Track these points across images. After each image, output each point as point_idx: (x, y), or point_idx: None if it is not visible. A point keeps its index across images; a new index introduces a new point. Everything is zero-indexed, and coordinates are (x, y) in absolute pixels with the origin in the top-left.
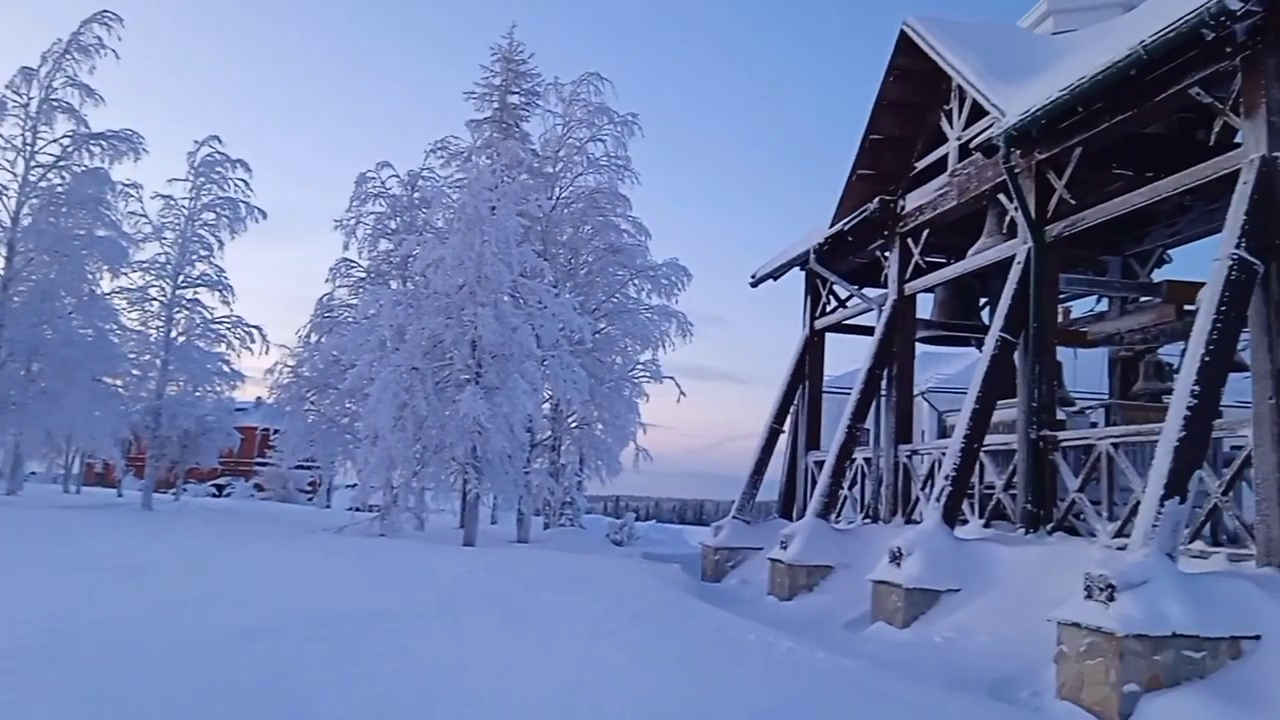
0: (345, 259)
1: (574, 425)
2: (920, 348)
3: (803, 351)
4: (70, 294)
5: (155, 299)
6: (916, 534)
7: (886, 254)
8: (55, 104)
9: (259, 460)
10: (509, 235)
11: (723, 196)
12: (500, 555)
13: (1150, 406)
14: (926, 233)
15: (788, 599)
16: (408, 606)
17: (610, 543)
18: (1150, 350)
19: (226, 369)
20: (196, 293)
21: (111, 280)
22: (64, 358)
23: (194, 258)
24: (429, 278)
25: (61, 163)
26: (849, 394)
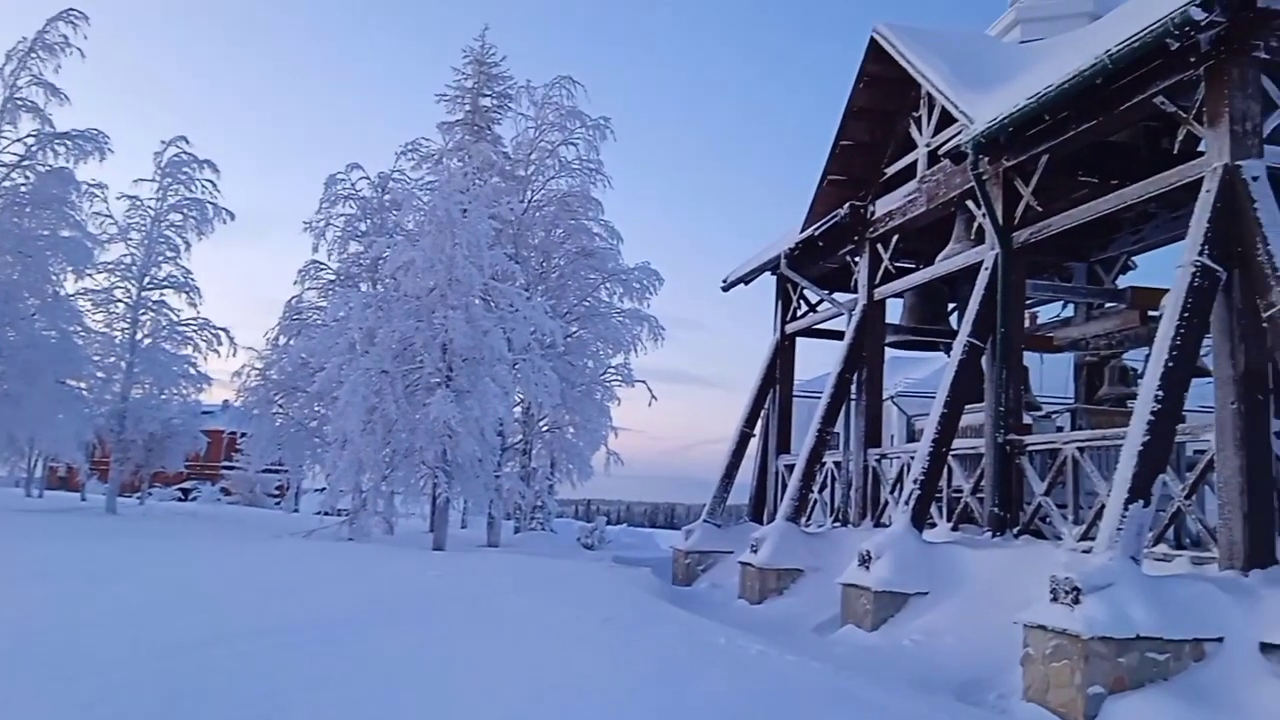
0: (314, 261)
1: (545, 429)
2: (889, 352)
3: (773, 355)
4: (33, 295)
5: (120, 300)
6: (885, 537)
7: (856, 259)
8: (20, 103)
9: (226, 464)
10: (480, 238)
11: (695, 200)
12: (470, 559)
13: (1115, 411)
14: (896, 238)
15: (758, 602)
16: (376, 611)
17: (581, 547)
18: (1115, 355)
19: (193, 371)
20: (163, 294)
21: (76, 281)
22: (27, 360)
23: (160, 259)
24: (399, 280)
25: (25, 162)
26: (819, 398)
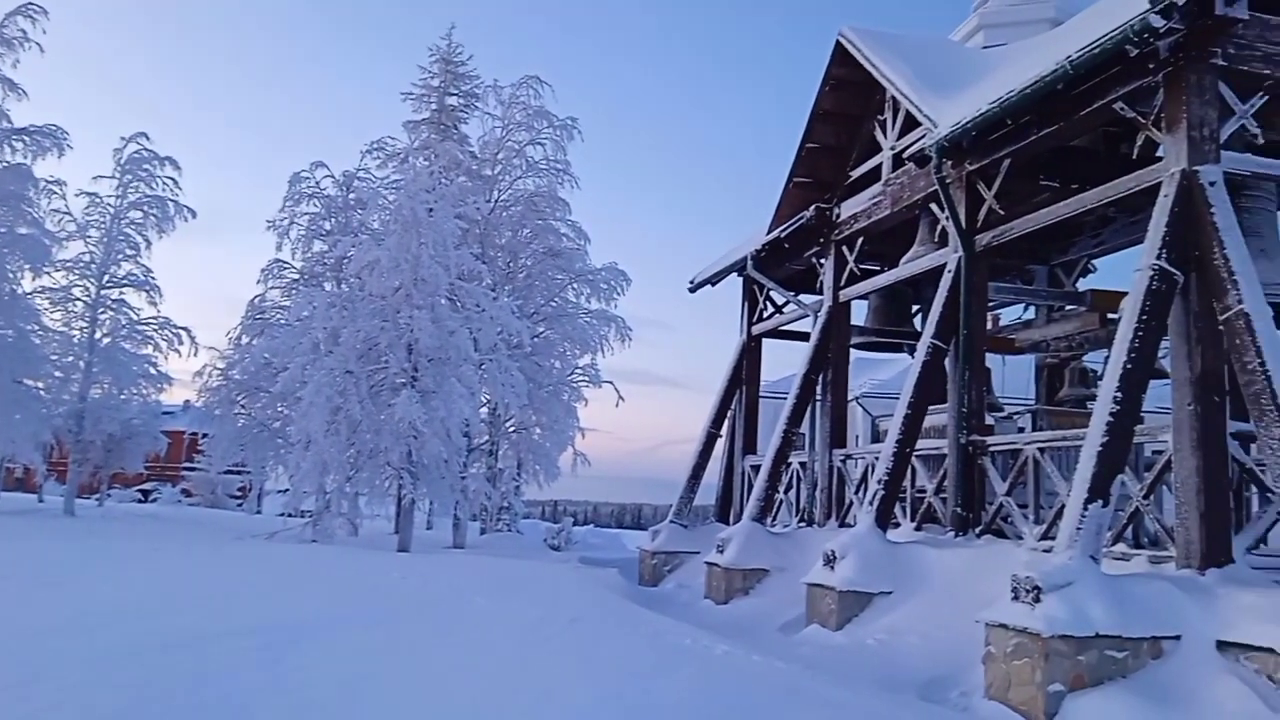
0: (278, 260)
1: (512, 429)
2: (854, 353)
3: (740, 356)
4: None
5: (79, 299)
6: (850, 537)
7: (822, 261)
8: None
9: (187, 465)
10: (446, 238)
11: (662, 201)
12: (435, 561)
13: (1075, 412)
14: (861, 240)
15: (724, 602)
16: (340, 614)
17: (547, 548)
18: (1075, 357)
19: (153, 371)
20: (122, 293)
21: (33, 280)
22: None
23: (120, 257)
24: (364, 280)
25: None
26: (785, 399)
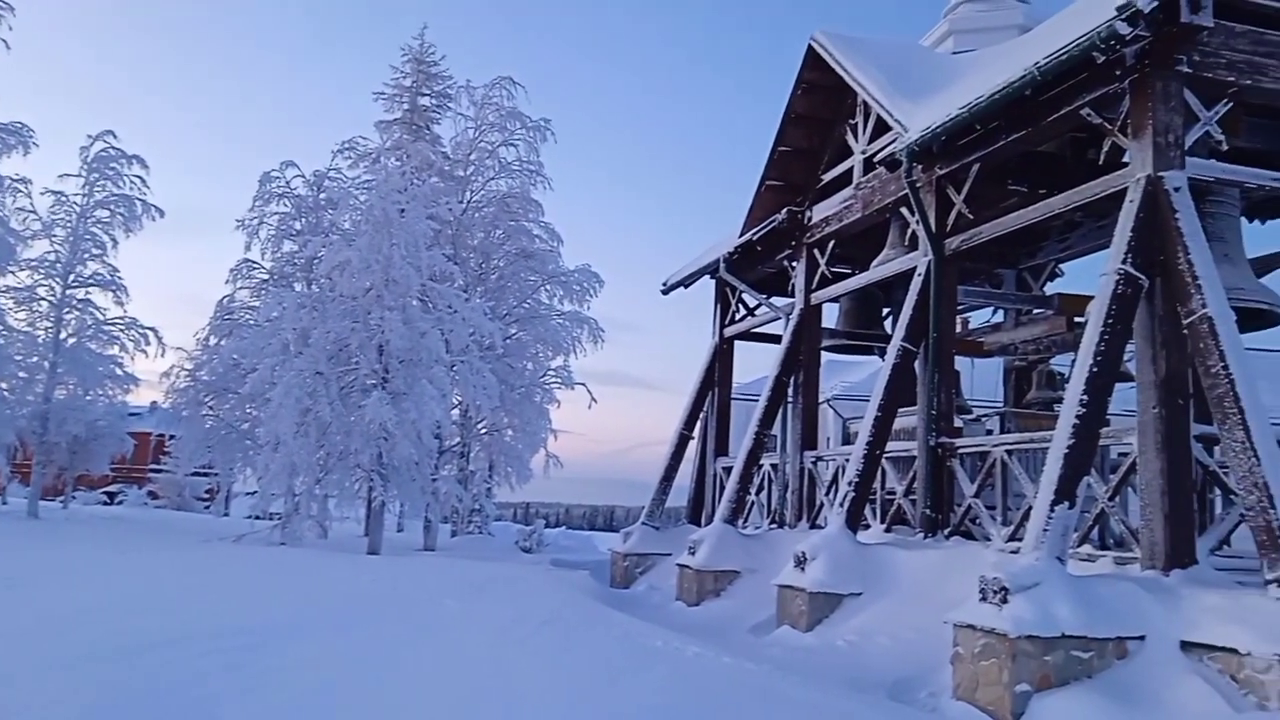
0: (247, 260)
1: (484, 431)
2: (826, 356)
3: (712, 359)
4: None
5: (44, 299)
6: (820, 539)
7: (794, 264)
8: None
9: (153, 467)
10: (418, 238)
11: (635, 203)
12: (406, 564)
13: (1042, 415)
14: (832, 244)
15: (695, 604)
16: (309, 617)
17: (519, 550)
18: (1043, 360)
19: (119, 372)
20: (88, 293)
21: None
22: None
23: (86, 256)
24: (335, 280)
25: None
26: (757, 401)
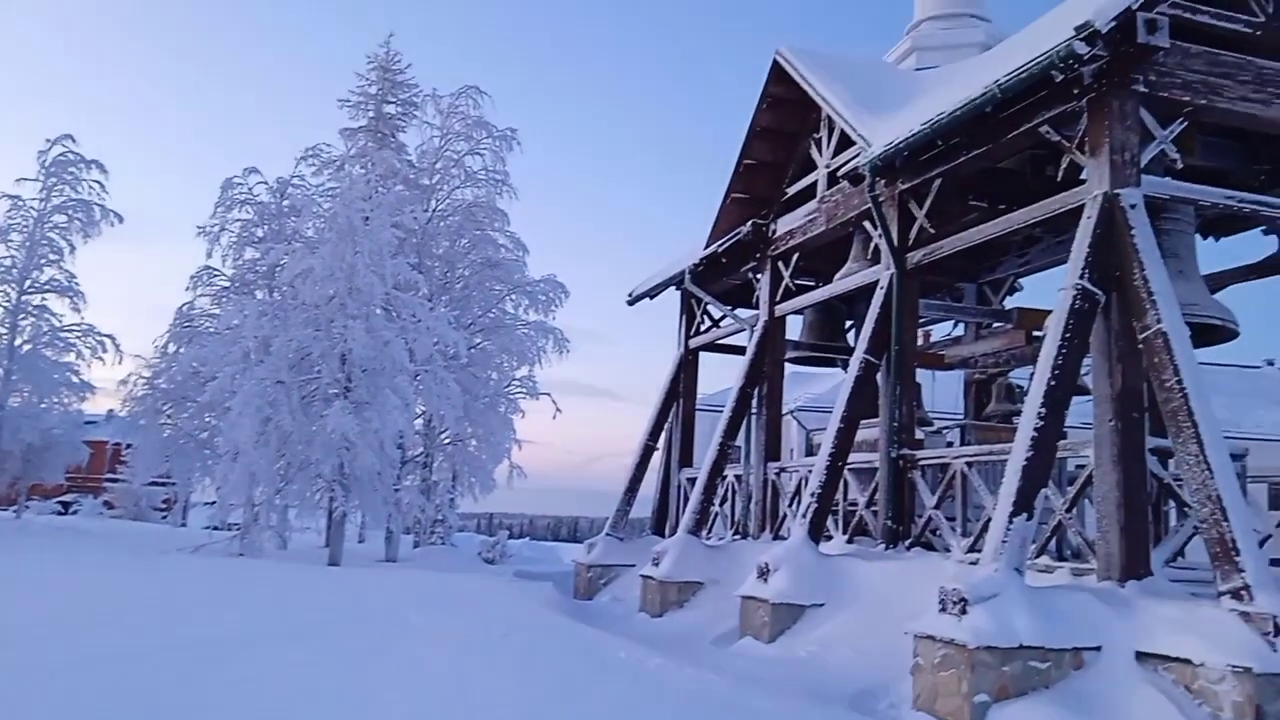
0: (208, 267)
1: (447, 441)
2: (789, 367)
3: (677, 369)
4: None
5: None
6: (783, 550)
7: (758, 276)
8: None
9: (109, 476)
10: (383, 247)
11: (601, 213)
12: (367, 575)
13: (1002, 427)
14: (796, 256)
15: (659, 615)
16: (267, 630)
17: (482, 561)
18: (1002, 373)
19: (75, 380)
20: (44, 299)
21: None
22: None
23: (42, 262)
24: (297, 288)
25: None
26: (722, 412)
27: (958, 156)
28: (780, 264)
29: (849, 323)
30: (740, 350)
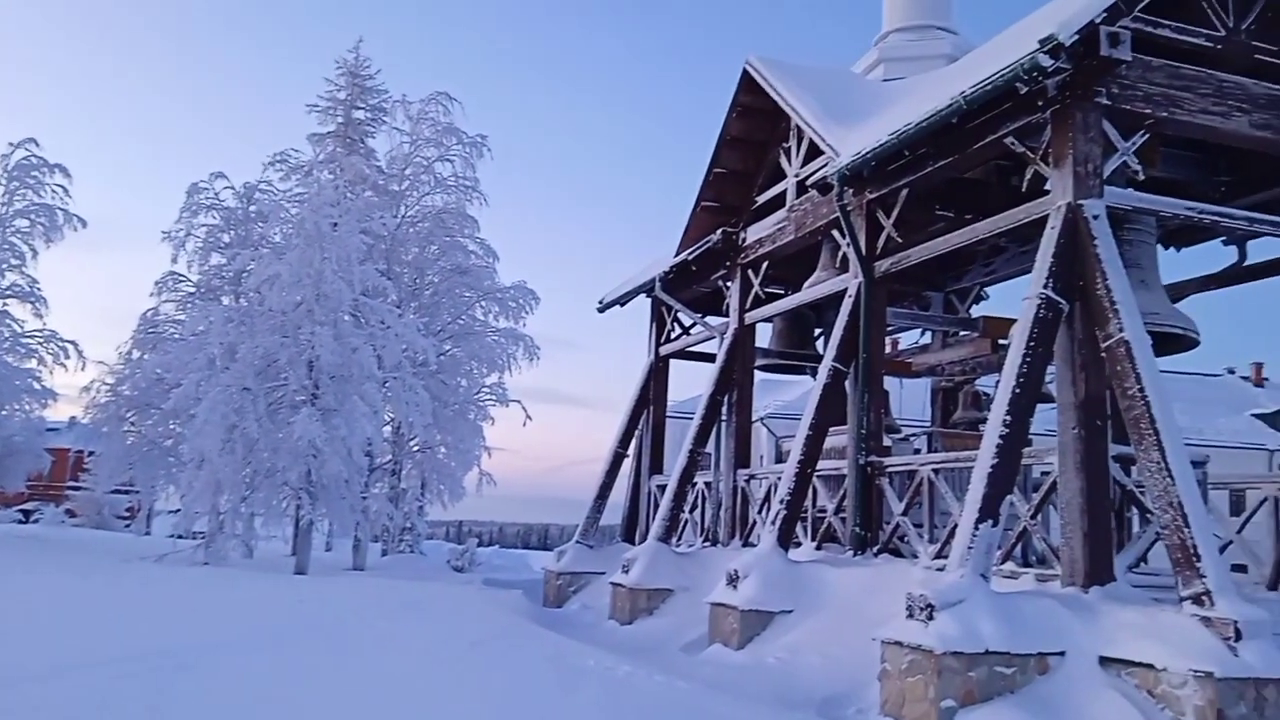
0: (173, 272)
1: (416, 449)
2: (759, 375)
3: (647, 377)
4: None
5: None
6: (753, 557)
7: (728, 284)
8: None
9: (72, 484)
10: (351, 253)
11: (571, 220)
12: (333, 583)
13: (968, 434)
14: (766, 264)
15: (628, 623)
16: (231, 639)
17: (451, 569)
18: (969, 381)
19: (37, 386)
20: (6, 304)
21: None
22: None
23: (4, 267)
24: (264, 294)
25: None
26: (692, 419)
27: (924, 167)
28: (750, 272)
29: (818, 331)
30: (710, 358)
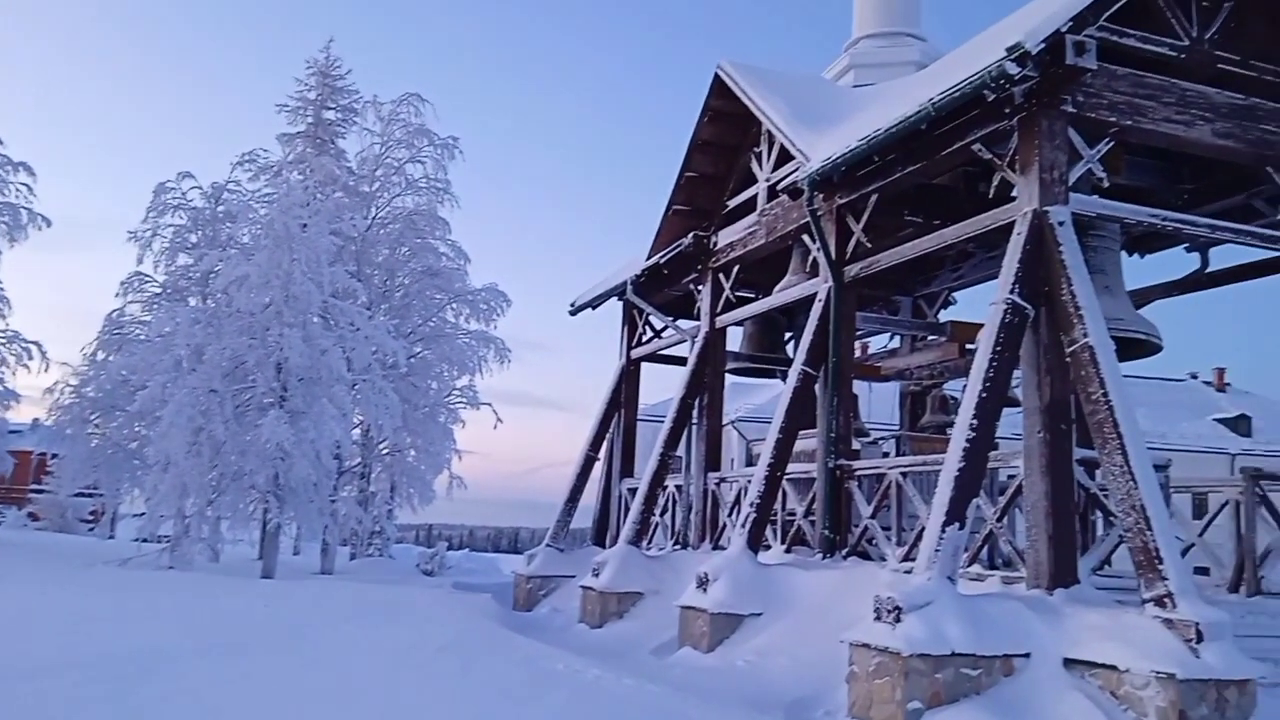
0: (139, 273)
1: (385, 452)
2: (730, 378)
3: (619, 380)
4: None
5: None
6: (722, 560)
7: (699, 287)
8: None
9: (34, 487)
10: (320, 254)
11: (543, 223)
12: (301, 588)
13: (936, 438)
14: (737, 268)
15: (598, 626)
16: (197, 644)
17: (420, 573)
18: (937, 385)
19: None
20: None
21: None
22: None
23: None
24: (232, 295)
25: None
26: (663, 422)
27: (893, 172)
28: (721, 276)
29: (788, 334)
30: (681, 361)
